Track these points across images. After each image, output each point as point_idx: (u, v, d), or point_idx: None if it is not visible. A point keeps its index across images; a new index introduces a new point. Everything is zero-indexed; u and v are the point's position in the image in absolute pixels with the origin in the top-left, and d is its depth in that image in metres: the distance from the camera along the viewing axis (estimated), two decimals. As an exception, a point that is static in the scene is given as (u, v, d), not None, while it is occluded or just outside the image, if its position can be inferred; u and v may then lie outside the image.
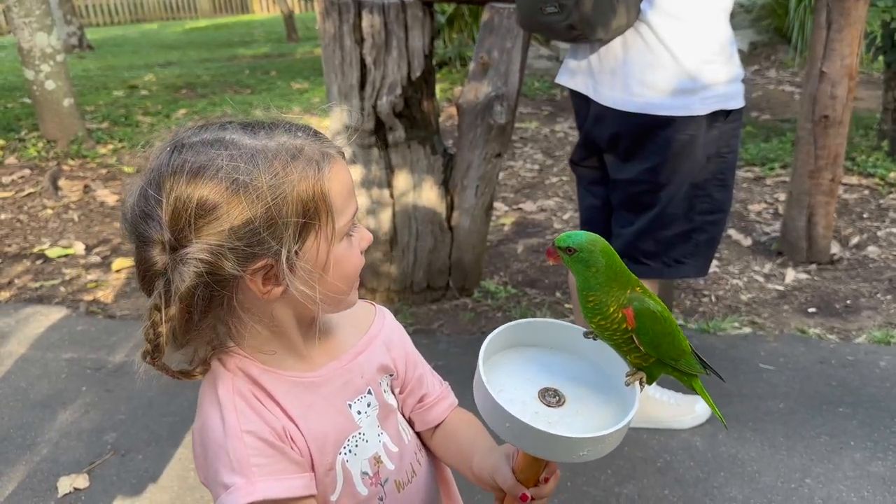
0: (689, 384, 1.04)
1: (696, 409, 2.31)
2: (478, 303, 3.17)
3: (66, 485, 2.17)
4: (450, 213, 3.02)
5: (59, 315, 3.22)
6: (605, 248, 0.91)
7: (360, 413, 0.96)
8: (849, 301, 3.06)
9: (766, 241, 3.63)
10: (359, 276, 0.92)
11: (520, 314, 3.04)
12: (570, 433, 0.82)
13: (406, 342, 1.07)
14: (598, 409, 0.91)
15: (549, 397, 0.91)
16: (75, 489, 2.16)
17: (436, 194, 2.98)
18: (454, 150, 3.01)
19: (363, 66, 2.79)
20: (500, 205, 4.27)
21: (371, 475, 0.96)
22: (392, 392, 1.04)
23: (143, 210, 0.81)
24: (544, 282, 3.35)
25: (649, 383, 0.95)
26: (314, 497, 0.89)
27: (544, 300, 3.17)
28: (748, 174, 4.53)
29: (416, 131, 2.93)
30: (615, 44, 1.92)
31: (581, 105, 2.12)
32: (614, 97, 1.95)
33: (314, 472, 0.90)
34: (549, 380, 0.94)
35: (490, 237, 3.61)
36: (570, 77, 2.09)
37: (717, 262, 3.43)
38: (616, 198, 2.12)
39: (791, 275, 3.29)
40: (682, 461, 2.17)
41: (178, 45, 12.76)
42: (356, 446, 0.95)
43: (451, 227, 3.04)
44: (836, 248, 3.46)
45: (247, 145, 0.81)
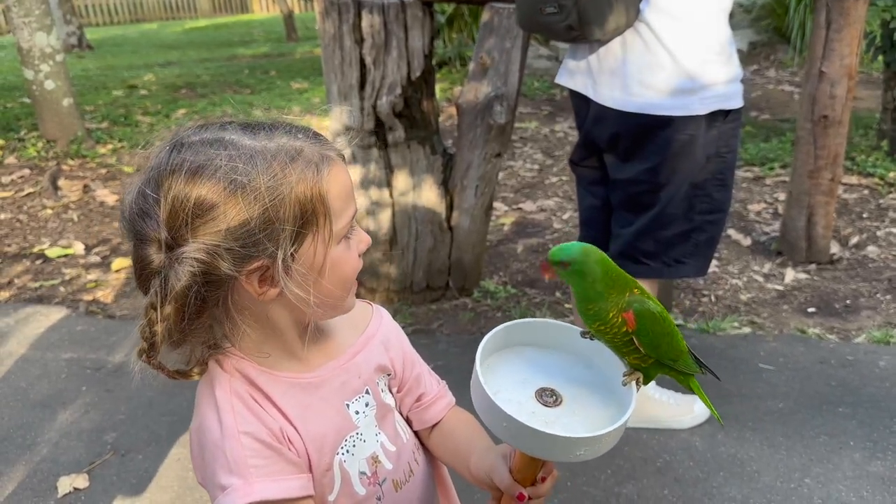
0: (686, 384, 1.04)
1: (695, 409, 2.31)
2: (477, 303, 3.17)
3: (65, 485, 2.17)
4: (449, 213, 3.02)
5: (58, 315, 3.22)
6: (599, 257, 0.91)
7: (357, 413, 0.96)
8: (848, 301, 3.06)
9: (765, 240, 3.63)
10: (356, 280, 0.92)
11: (519, 314, 3.04)
12: (567, 433, 0.82)
13: (403, 342, 1.07)
14: (595, 409, 0.91)
15: (547, 397, 0.92)
16: (75, 489, 2.16)
17: (435, 194, 2.98)
18: (454, 150, 3.01)
19: (363, 66, 2.79)
20: (499, 205, 4.27)
21: (369, 475, 0.96)
22: (390, 392, 1.04)
23: (142, 208, 0.81)
24: (544, 282, 3.35)
25: (646, 383, 0.95)
26: (312, 498, 0.89)
27: (544, 300, 3.17)
28: (748, 174, 4.53)
29: (415, 131, 2.93)
30: (614, 44, 1.92)
31: (581, 105, 2.12)
32: (614, 97, 1.95)
33: (312, 472, 0.90)
34: (547, 380, 0.94)
35: (490, 237, 3.61)
36: (570, 77, 2.09)
37: (717, 262, 3.43)
38: (616, 198, 2.12)
39: (790, 275, 3.28)
40: (682, 461, 2.17)
41: (177, 44, 12.77)
42: (354, 446, 0.95)
43: (451, 227, 3.04)
44: (835, 248, 3.46)
45: (246, 146, 0.81)
